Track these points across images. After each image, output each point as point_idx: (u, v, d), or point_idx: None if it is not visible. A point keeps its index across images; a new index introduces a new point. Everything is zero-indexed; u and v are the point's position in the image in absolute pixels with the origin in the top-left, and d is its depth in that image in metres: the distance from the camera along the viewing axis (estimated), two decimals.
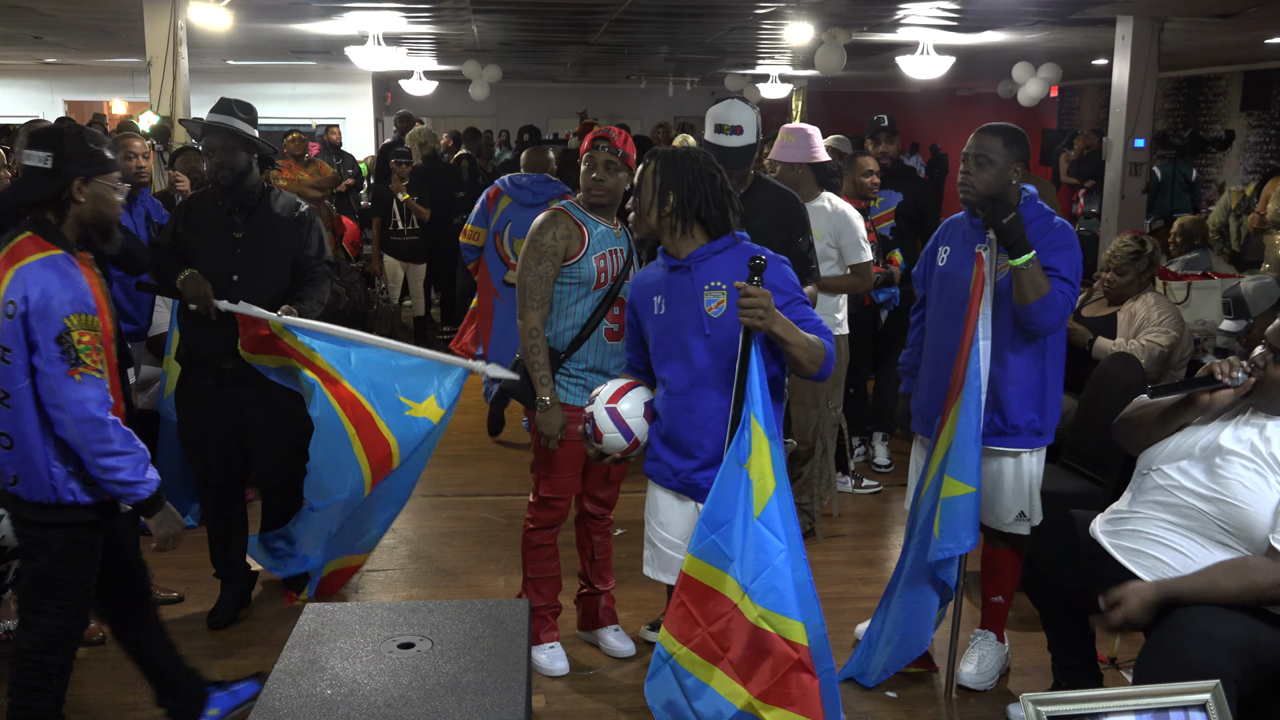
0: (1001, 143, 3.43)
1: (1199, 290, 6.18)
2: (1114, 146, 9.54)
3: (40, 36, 12.34)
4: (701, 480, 3.02)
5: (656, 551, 3.21)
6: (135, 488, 2.92)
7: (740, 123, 3.71)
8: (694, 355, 2.98)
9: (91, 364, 2.81)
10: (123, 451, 2.87)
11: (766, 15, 10.09)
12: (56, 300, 2.79)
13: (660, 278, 3.07)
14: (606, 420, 3.11)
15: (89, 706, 3.60)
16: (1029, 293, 3.33)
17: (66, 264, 2.87)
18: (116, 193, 2.98)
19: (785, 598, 2.66)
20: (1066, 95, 19.04)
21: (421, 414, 4.14)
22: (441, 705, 2.29)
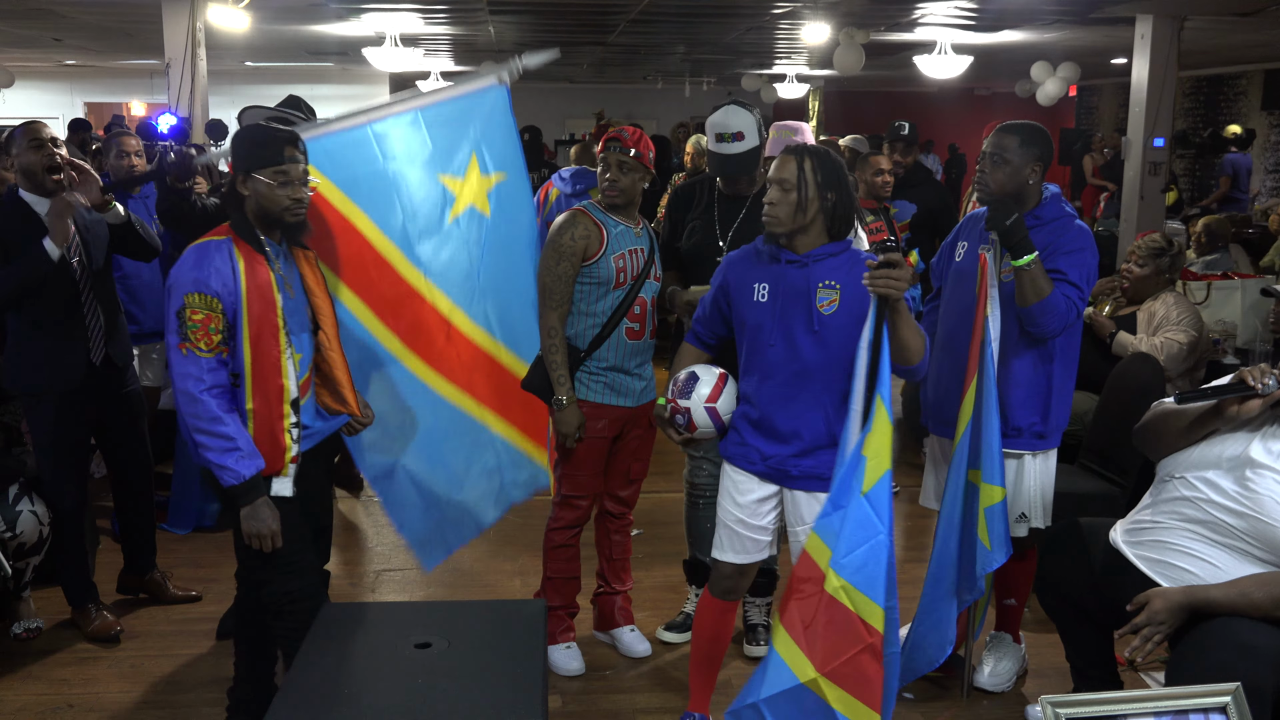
0: (1018, 141, 3.41)
1: (1219, 290, 6.14)
2: (1133, 146, 9.49)
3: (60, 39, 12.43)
4: (792, 467, 3.12)
5: (730, 532, 3.24)
6: (220, 472, 2.93)
7: (740, 129, 3.71)
8: (801, 348, 3.05)
9: (195, 341, 2.90)
10: (211, 432, 2.91)
11: (784, 15, 10.08)
12: (185, 278, 2.93)
13: (765, 267, 3.14)
14: (705, 418, 3.18)
15: (106, 705, 3.62)
16: (1029, 294, 3.31)
17: (216, 249, 2.98)
18: (279, 187, 2.99)
19: (874, 579, 2.63)
20: (1085, 95, 18.96)
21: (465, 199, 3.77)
22: (459, 705, 2.29)
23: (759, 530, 3.22)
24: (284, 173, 2.99)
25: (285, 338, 3.03)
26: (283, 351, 3.03)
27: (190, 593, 4.42)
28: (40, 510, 3.94)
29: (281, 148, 3.00)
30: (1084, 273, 3.41)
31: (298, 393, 3.08)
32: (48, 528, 3.96)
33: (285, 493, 3.08)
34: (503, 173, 3.83)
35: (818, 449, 3.10)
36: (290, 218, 3.03)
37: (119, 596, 4.39)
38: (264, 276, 3.01)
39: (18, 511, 3.88)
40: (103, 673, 3.83)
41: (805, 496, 3.13)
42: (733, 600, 3.33)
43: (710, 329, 3.33)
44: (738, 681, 3.74)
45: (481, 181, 3.82)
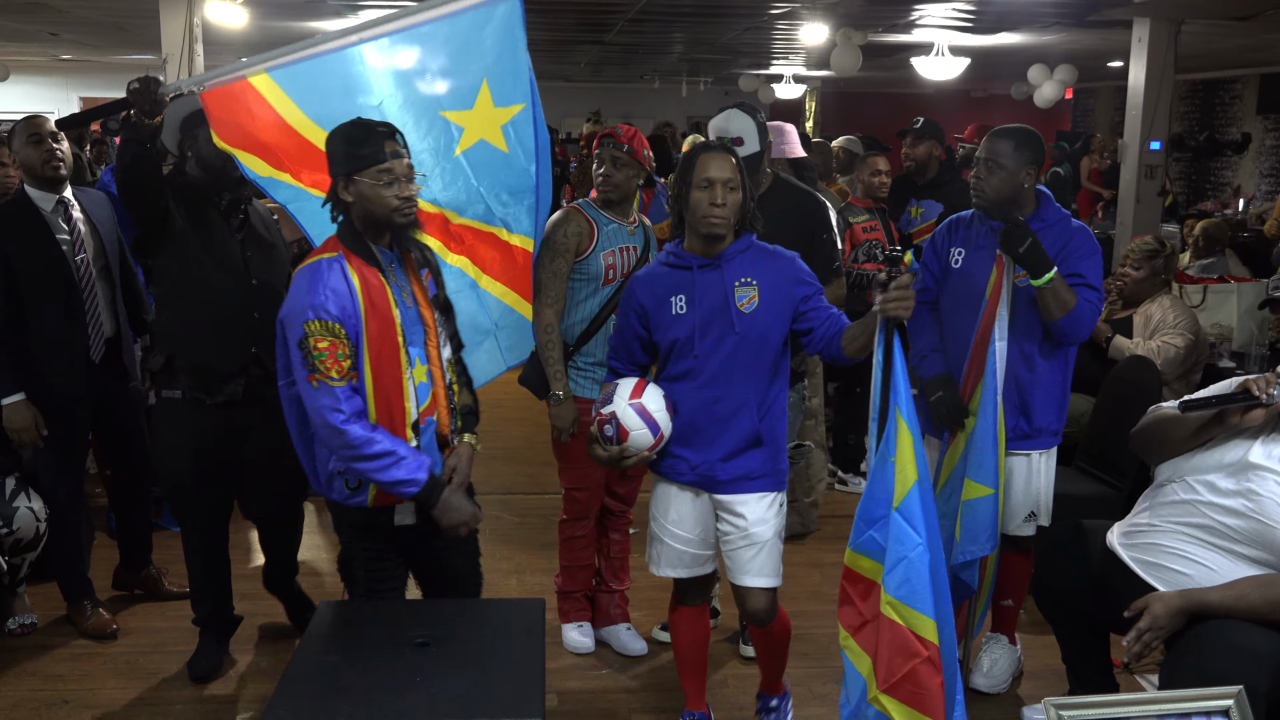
0: (1012, 146, 3.41)
1: (1215, 294, 6.15)
2: (1129, 149, 9.51)
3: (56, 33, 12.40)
4: (721, 472, 3.05)
5: (665, 548, 3.19)
6: (397, 489, 2.79)
7: (740, 133, 3.72)
8: (723, 349, 3.00)
9: (325, 370, 2.72)
10: (368, 455, 2.74)
11: (781, 15, 10.09)
12: (298, 306, 2.75)
13: (676, 278, 3.06)
14: (633, 416, 2.99)
15: (101, 701, 3.61)
16: (1055, 310, 3.32)
17: (327, 267, 2.77)
18: (384, 187, 2.76)
19: (918, 592, 2.58)
20: (1081, 97, 18.99)
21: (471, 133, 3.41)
22: (459, 704, 2.29)
23: (695, 544, 3.17)
24: (388, 170, 2.76)
25: (405, 355, 2.83)
26: (403, 370, 2.83)
27: (186, 589, 4.40)
28: (37, 506, 3.93)
29: (381, 144, 2.78)
30: (1100, 274, 3.45)
31: (418, 414, 2.87)
32: (44, 524, 3.95)
33: (408, 521, 2.95)
34: (520, 103, 3.46)
35: (745, 449, 3.05)
36: (400, 219, 2.80)
37: (114, 592, 4.38)
38: (380, 291, 2.80)
39: (14, 507, 3.88)
40: (98, 669, 3.83)
41: (732, 501, 3.08)
42: (700, 604, 3.31)
43: (630, 359, 3.18)
44: (734, 682, 3.76)
45: (495, 114, 3.45)
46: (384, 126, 2.83)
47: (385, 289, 2.80)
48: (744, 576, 3.11)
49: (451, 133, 3.42)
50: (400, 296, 2.84)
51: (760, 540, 3.07)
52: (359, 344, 2.76)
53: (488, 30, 3.38)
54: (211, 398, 3.53)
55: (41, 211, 3.84)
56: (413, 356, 2.84)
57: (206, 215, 3.50)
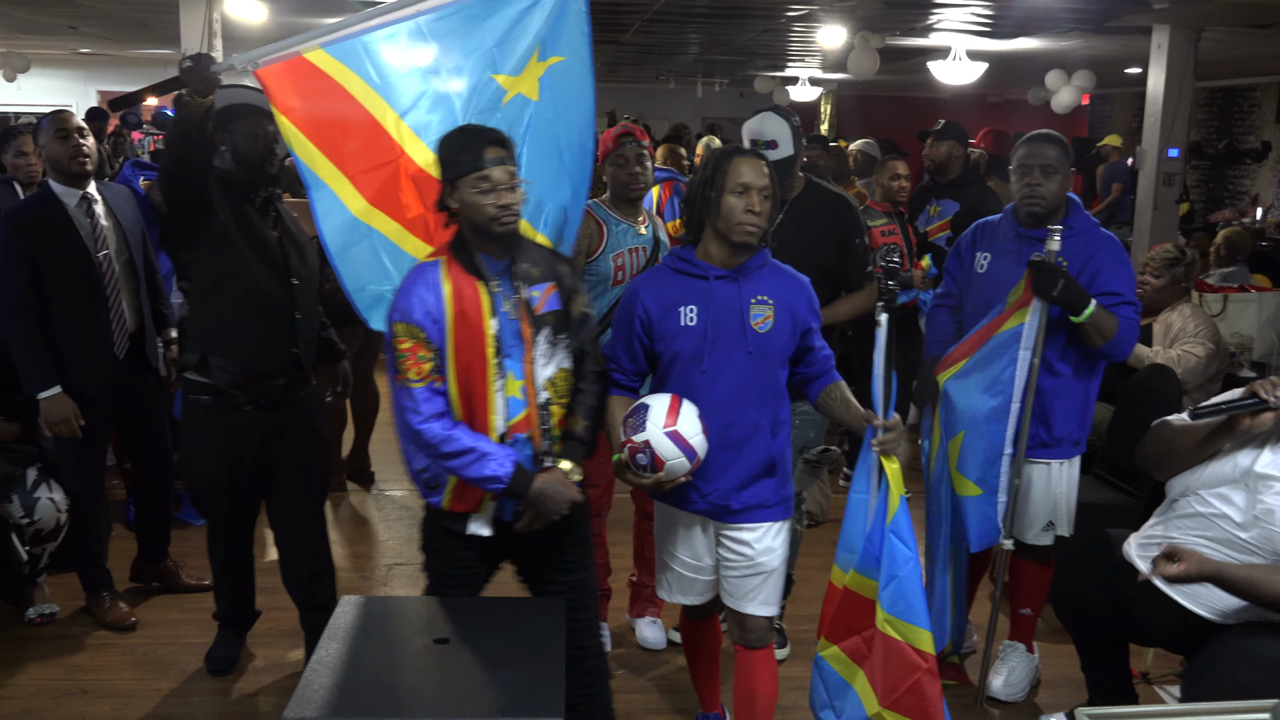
0: (1061, 150, 3.43)
1: (1235, 303, 6.13)
2: (1148, 156, 9.47)
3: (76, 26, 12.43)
4: (734, 500, 2.90)
5: (677, 577, 3.07)
6: (485, 485, 2.74)
7: (774, 136, 3.72)
8: (732, 369, 2.84)
9: (404, 371, 2.72)
10: (450, 454, 2.71)
11: (799, 18, 10.07)
12: (393, 306, 2.76)
13: (688, 286, 2.88)
14: (669, 446, 2.75)
15: (119, 692, 3.63)
16: (1097, 339, 3.33)
17: (427, 271, 2.75)
18: (481, 194, 2.69)
19: (913, 607, 2.63)
20: (1098, 103, 18.92)
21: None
22: (480, 701, 2.29)
23: (707, 570, 3.04)
24: (486, 178, 2.68)
25: (495, 367, 2.75)
26: (491, 382, 2.75)
27: (203, 582, 4.41)
28: (58, 497, 3.95)
29: (482, 150, 2.70)
30: (1133, 284, 3.45)
31: (505, 428, 2.79)
32: (65, 514, 3.97)
33: (482, 532, 2.88)
34: (560, 55, 3.35)
35: (759, 477, 2.91)
36: (498, 228, 2.71)
37: (132, 584, 4.40)
38: (473, 301, 2.72)
39: (36, 498, 3.90)
40: (116, 659, 3.85)
41: (742, 531, 2.94)
42: (709, 618, 3.22)
43: (634, 369, 2.99)
44: None
45: (534, 68, 3.34)
46: (488, 133, 2.75)
47: (481, 299, 2.73)
48: (745, 603, 2.99)
49: (500, 94, 3.29)
50: (501, 307, 2.76)
51: (767, 569, 2.97)
52: (444, 351, 2.73)
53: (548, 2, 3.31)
54: (248, 398, 3.44)
55: (66, 206, 3.85)
56: (506, 369, 2.76)
57: (244, 210, 3.40)
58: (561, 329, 2.85)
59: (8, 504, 3.90)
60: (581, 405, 2.90)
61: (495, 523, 2.88)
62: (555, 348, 2.83)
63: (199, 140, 3.17)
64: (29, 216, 3.83)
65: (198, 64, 3.03)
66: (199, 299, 3.45)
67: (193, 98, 3.07)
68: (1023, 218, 3.49)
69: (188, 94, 3.08)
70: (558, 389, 2.84)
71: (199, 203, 3.29)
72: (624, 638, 4.09)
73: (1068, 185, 3.45)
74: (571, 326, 2.87)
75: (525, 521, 2.82)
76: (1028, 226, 3.50)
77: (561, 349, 2.85)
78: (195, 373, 3.43)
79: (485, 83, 3.26)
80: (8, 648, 3.89)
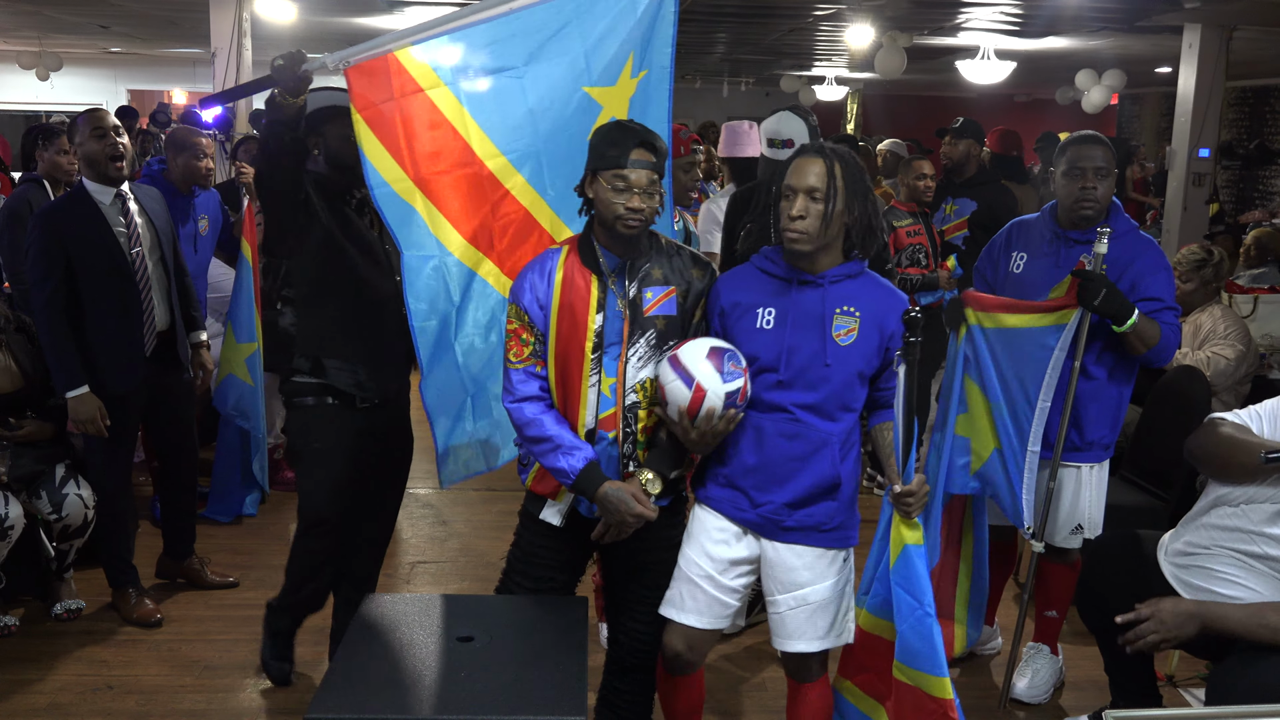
0: (1108, 151, 3.41)
1: (1266, 304, 6.06)
2: (1177, 156, 9.40)
3: (107, 25, 12.55)
4: (786, 517, 2.72)
5: (694, 590, 2.77)
6: (556, 475, 2.74)
7: (791, 135, 3.72)
8: (807, 380, 2.68)
9: (508, 351, 2.78)
10: (532, 439, 2.74)
11: (826, 17, 10.04)
12: (511, 290, 2.82)
13: (770, 288, 2.73)
14: (667, 369, 2.65)
15: (145, 687, 3.65)
16: (1139, 348, 3.30)
17: (546, 258, 2.78)
18: (615, 192, 2.64)
19: (921, 655, 2.57)
20: (1127, 103, 18.78)
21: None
22: (503, 699, 2.29)
23: (729, 591, 2.77)
24: (623, 177, 2.63)
25: (592, 363, 2.73)
26: (585, 376, 2.73)
27: (228, 579, 4.45)
28: (86, 493, 3.98)
29: (629, 149, 2.65)
30: (1172, 289, 3.42)
31: (594, 424, 2.76)
32: (92, 511, 4.00)
33: (553, 520, 2.86)
34: (645, 70, 3.23)
35: (818, 497, 2.71)
36: (623, 229, 2.66)
37: (157, 581, 4.43)
38: (583, 294, 2.72)
39: (64, 495, 3.93)
40: (142, 655, 3.87)
41: (791, 554, 2.74)
42: (694, 674, 2.90)
43: None
44: (772, 685, 3.74)
45: (627, 85, 3.23)
46: (640, 132, 2.69)
47: (591, 292, 2.72)
48: (793, 642, 2.78)
49: (594, 112, 3.15)
50: (613, 304, 2.73)
51: (814, 601, 2.74)
52: (546, 337, 2.75)
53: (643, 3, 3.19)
54: (365, 397, 3.34)
55: (100, 205, 3.89)
56: (605, 365, 2.74)
57: (343, 213, 3.32)
58: (673, 335, 2.78)
59: (36, 500, 3.93)
60: None
61: (576, 520, 2.86)
62: (660, 352, 2.76)
63: (291, 141, 3.11)
64: (64, 215, 3.86)
65: (290, 62, 2.97)
66: (308, 304, 3.37)
67: (284, 98, 3.01)
68: (1075, 220, 3.45)
69: (279, 94, 3.02)
70: (650, 394, 2.77)
71: (295, 204, 3.21)
72: None
73: (1114, 187, 3.43)
74: (688, 334, 2.80)
75: (600, 530, 2.79)
76: (1069, 228, 3.47)
77: (653, 351, 2.77)
78: (310, 376, 3.33)
79: (573, 93, 3.15)
80: (35, 643, 3.92)
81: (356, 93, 3.04)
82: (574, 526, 2.87)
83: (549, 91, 3.10)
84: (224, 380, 4.99)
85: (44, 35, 13.98)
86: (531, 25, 3.13)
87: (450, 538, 5.07)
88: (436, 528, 5.18)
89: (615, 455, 2.78)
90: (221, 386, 5.00)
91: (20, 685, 3.63)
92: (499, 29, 3.12)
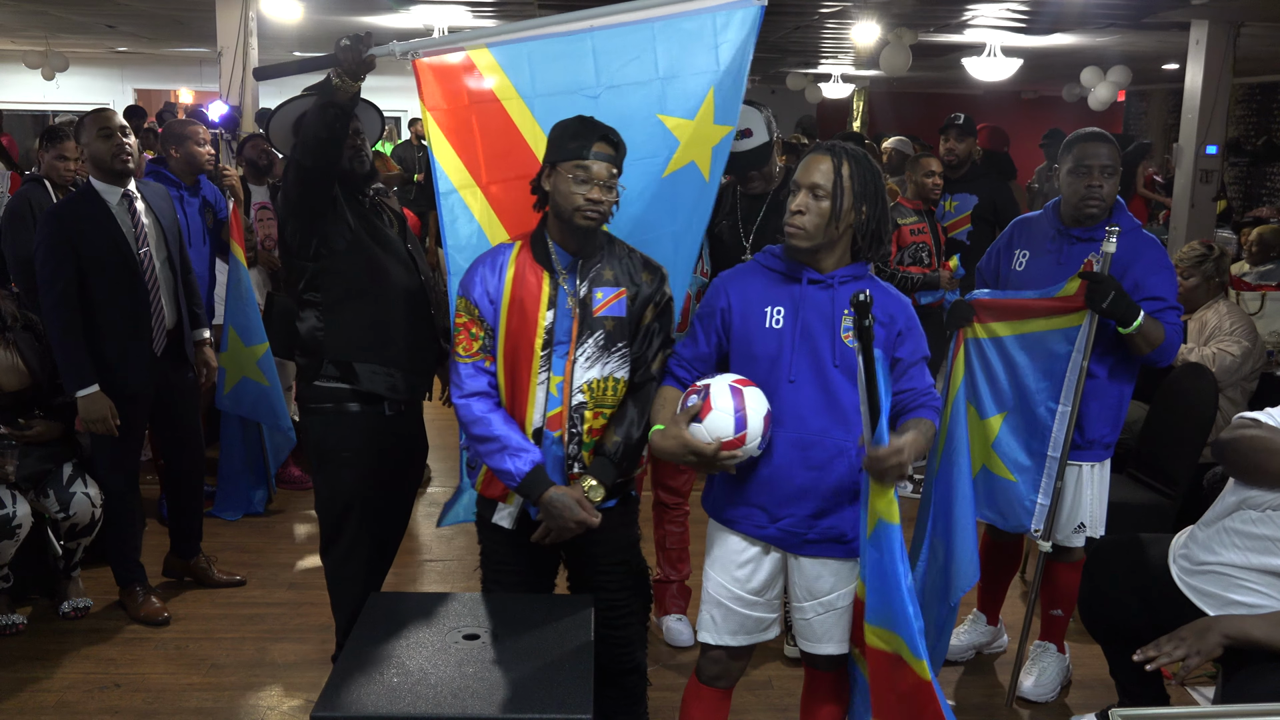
0: (1114, 149, 3.41)
1: (1274, 301, 6.05)
2: (1185, 153, 9.36)
3: (114, 25, 12.57)
4: (809, 529, 2.65)
5: (727, 613, 2.73)
6: (500, 476, 2.73)
7: (748, 125, 3.72)
8: (823, 384, 2.61)
9: (455, 344, 2.77)
10: (478, 437, 2.72)
11: (832, 14, 10.03)
12: (460, 284, 2.81)
13: (780, 286, 2.66)
14: (727, 396, 2.54)
15: (152, 686, 3.66)
16: (1144, 348, 3.29)
17: (497, 253, 2.77)
18: (576, 183, 2.64)
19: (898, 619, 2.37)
20: (1134, 100, 18.73)
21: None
22: (510, 697, 2.29)
23: (762, 606, 2.74)
24: (585, 168, 2.63)
25: (541, 360, 2.72)
26: (534, 374, 2.72)
27: (235, 577, 4.46)
28: (93, 492, 3.99)
29: (591, 141, 2.65)
30: (1175, 288, 3.40)
31: (542, 422, 2.75)
32: (99, 509, 4.01)
33: (504, 524, 2.85)
34: (730, 126, 3.14)
35: (839, 506, 2.65)
36: (580, 220, 2.66)
37: (164, 579, 4.45)
38: (533, 290, 2.71)
39: (71, 493, 3.94)
40: (149, 653, 3.88)
41: (815, 564, 2.68)
42: (727, 687, 2.85)
43: (702, 366, 2.76)
44: (779, 683, 3.74)
45: (711, 131, 3.11)
46: (604, 128, 2.69)
47: (543, 289, 2.71)
48: (821, 645, 2.75)
49: (668, 145, 3.08)
50: (564, 302, 2.72)
51: (841, 606, 2.70)
52: (496, 332, 2.74)
53: (726, 35, 3.08)
54: (395, 400, 3.26)
55: (108, 204, 3.90)
56: (553, 364, 2.73)
57: (363, 213, 3.24)
58: (621, 337, 2.77)
59: (44, 499, 3.94)
60: (617, 421, 2.78)
61: (527, 522, 2.84)
62: (608, 353, 2.76)
63: (340, 130, 3.02)
64: (72, 214, 3.88)
65: (356, 44, 2.90)
66: (336, 308, 3.22)
67: (343, 79, 2.94)
68: (1080, 218, 3.44)
69: (337, 77, 2.94)
70: (597, 395, 2.76)
71: (328, 199, 3.13)
72: (651, 635, 4.08)
73: (1119, 185, 3.42)
74: (637, 337, 2.80)
75: (540, 531, 2.78)
76: (1073, 225, 3.46)
77: (616, 357, 2.77)
78: (339, 382, 3.22)
79: (647, 120, 3.05)
80: (42, 641, 3.94)
81: (425, 89, 2.99)
82: (528, 529, 2.84)
83: (623, 115, 2.96)
84: (237, 385, 5.00)
85: (51, 35, 14.00)
86: (611, 46, 3.07)
87: (456, 535, 5.07)
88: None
89: (561, 455, 2.77)
90: (234, 392, 5.01)
91: (28, 683, 3.64)
92: (578, 44, 3.06)
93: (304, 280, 3.23)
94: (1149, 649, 2.61)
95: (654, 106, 3.08)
